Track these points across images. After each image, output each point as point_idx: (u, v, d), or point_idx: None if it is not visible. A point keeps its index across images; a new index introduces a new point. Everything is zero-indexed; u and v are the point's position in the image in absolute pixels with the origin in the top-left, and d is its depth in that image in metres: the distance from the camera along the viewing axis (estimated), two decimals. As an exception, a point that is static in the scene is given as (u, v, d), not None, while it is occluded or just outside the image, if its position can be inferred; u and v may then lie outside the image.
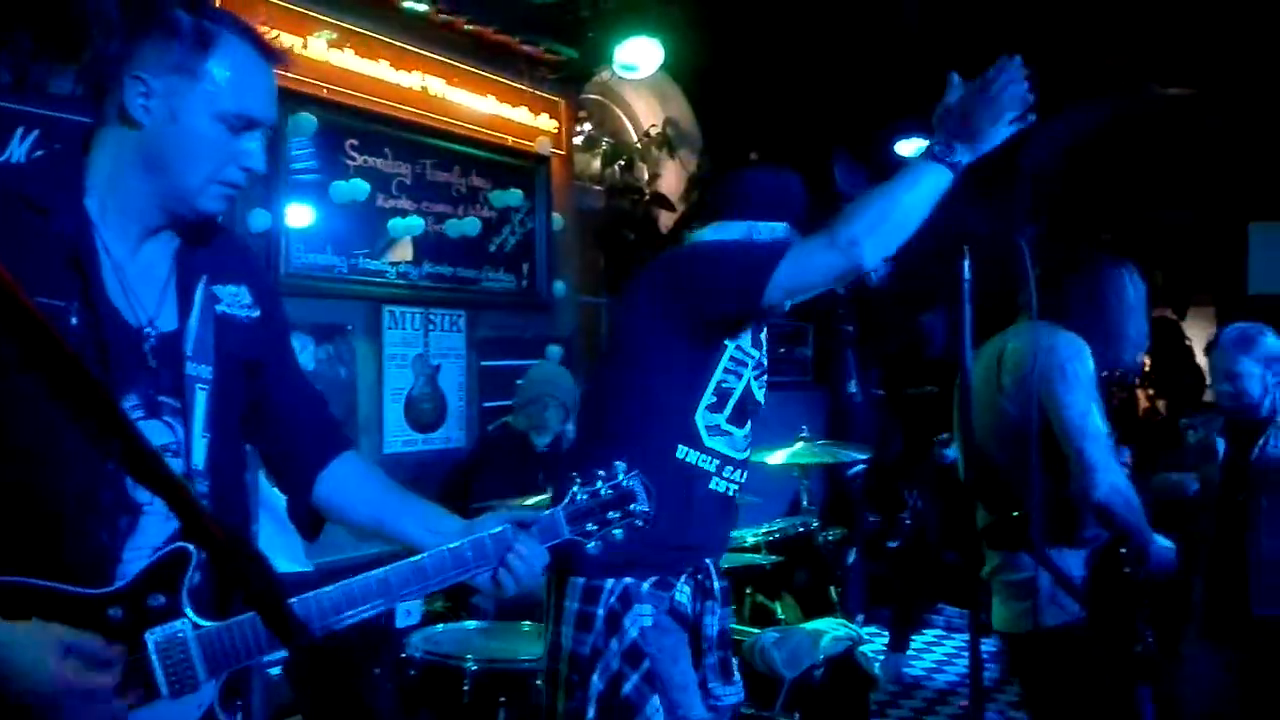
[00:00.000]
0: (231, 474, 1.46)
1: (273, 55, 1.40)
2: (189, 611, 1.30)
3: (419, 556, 1.42)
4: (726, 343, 1.99)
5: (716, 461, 1.99)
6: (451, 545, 1.43)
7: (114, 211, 1.35)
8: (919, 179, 1.79)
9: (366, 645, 2.82)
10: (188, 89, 1.33)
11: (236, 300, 1.46)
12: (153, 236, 1.39)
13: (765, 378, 2.12)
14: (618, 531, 1.50)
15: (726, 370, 1.99)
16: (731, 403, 1.99)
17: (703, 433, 1.96)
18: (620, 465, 1.53)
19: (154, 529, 1.33)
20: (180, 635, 1.29)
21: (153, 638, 1.28)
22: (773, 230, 2.06)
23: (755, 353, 2.06)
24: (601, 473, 1.52)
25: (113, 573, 1.30)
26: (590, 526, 1.50)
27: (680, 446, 1.95)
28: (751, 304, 1.86)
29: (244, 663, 1.33)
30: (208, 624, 1.31)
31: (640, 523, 1.51)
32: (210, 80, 1.34)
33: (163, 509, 1.31)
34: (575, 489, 1.50)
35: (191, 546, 1.31)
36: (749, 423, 2.05)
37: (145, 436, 0.93)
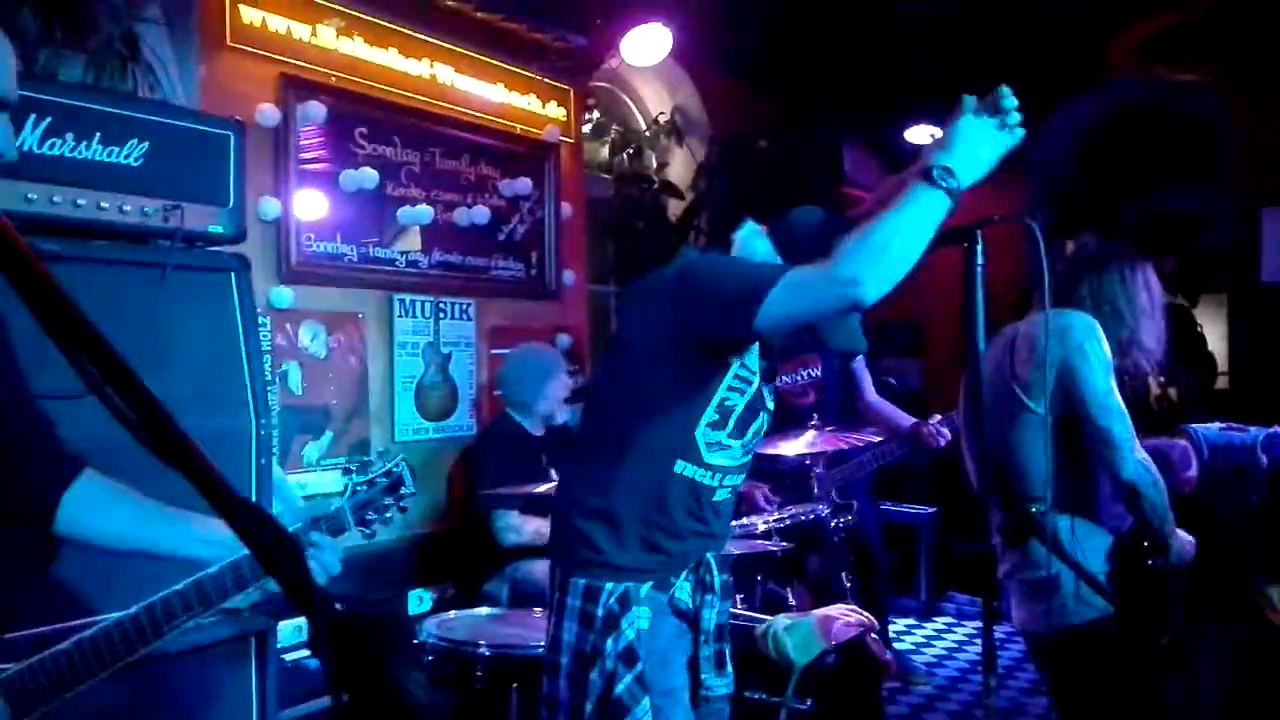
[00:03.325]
0: None
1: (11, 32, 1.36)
2: None
3: (239, 557, 1.43)
4: (730, 360, 1.95)
5: (718, 475, 1.98)
6: None
7: None
8: (919, 207, 1.70)
9: (381, 631, 2.83)
10: None
11: None
12: None
13: (776, 379, 2.09)
14: (391, 514, 1.62)
15: (730, 389, 1.95)
16: (733, 420, 1.97)
17: (703, 449, 1.95)
18: (385, 451, 1.65)
19: None
20: None
21: None
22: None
23: (763, 363, 2.02)
24: (374, 462, 1.63)
25: None
26: (370, 515, 1.61)
27: (679, 461, 1.94)
28: (743, 330, 1.81)
29: (51, 702, 1.28)
30: (8, 666, 1.27)
31: (405, 505, 1.64)
32: None
33: None
34: (353, 481, 1.60)
35: None
36: (751, 432, 2.03)
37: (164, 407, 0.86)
